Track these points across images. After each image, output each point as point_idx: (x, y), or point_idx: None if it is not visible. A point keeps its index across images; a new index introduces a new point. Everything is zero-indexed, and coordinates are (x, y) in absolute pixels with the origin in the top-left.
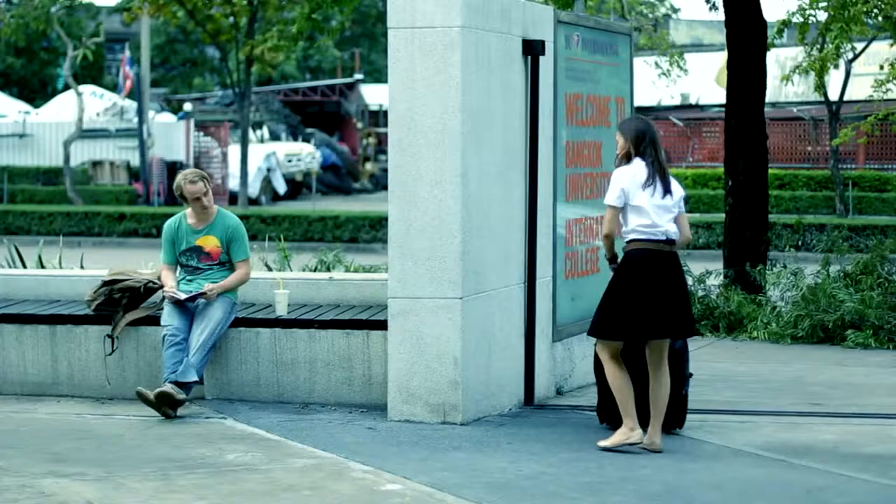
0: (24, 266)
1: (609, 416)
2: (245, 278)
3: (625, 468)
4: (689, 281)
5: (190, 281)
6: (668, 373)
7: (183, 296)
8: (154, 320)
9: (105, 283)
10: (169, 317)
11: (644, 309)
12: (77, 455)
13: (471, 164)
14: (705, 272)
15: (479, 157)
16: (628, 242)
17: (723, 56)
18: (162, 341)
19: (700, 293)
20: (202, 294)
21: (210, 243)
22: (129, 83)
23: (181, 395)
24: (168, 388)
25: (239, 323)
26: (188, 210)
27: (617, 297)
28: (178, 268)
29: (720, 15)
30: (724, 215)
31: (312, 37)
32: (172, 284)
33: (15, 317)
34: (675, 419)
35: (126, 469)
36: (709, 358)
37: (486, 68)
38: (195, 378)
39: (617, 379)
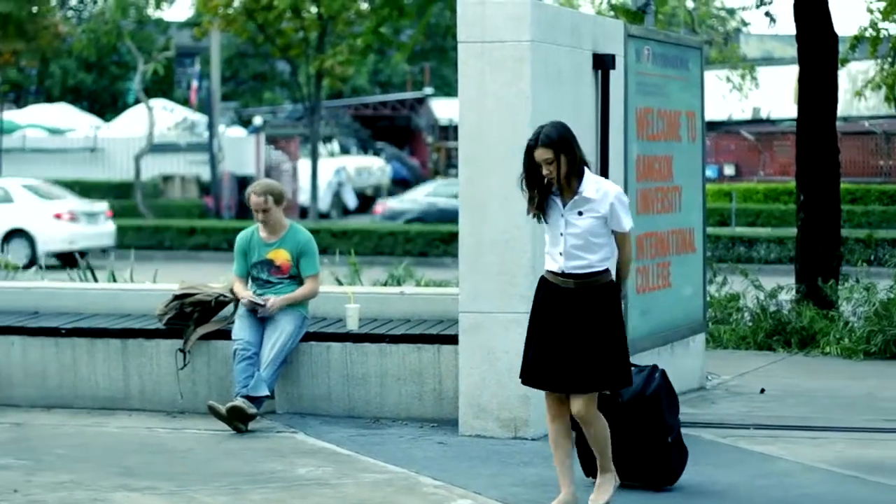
0: (96, 280)
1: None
2: (312, 293)
3: (697, 484)
4: (761, 296)
5: (260, 295)
6: (598, 425)
7: (260, 300)
8: (225, 334)
9: (176, 297)
10: (240, 331)
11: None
12: (148, 469)
13: None
14: (777, 287)
15: None
16: (607, 271)
17: (795, 70)
18: (233, 355)
19: (772, 308)
20: (262, 305)
21: (281, 257)
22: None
23: (252, 410)
24: (239, 402)
25: (310, 337)
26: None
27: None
28: (250, 280)
29: (791, 29)
30: (795, 230)
31: (382, 51)
32: (245, 293)
33: (87, 331)
34: (662, 475)
35: (197, 483)
36: (781, 373)
37: (556, 82)
38: (266, 392)
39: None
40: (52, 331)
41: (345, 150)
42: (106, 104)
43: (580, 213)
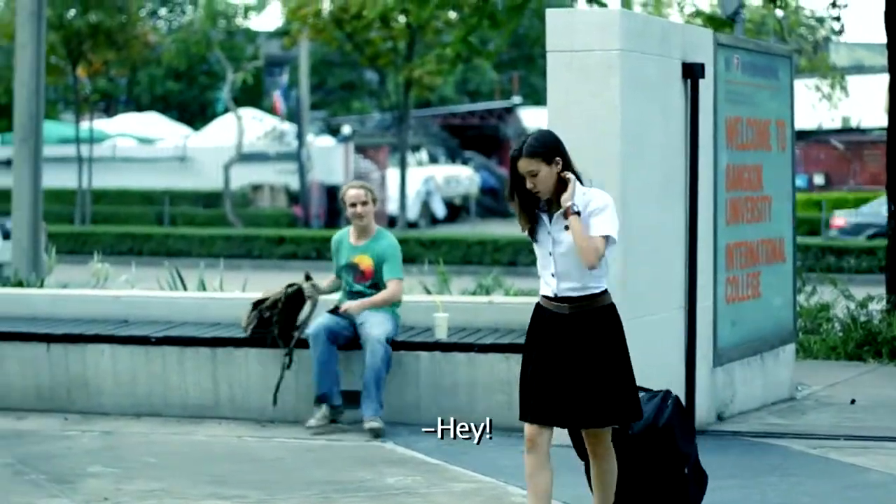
0: (185, 289)
1: None
2: (392, 297)
3: (786, 495)
4: (851, 306)
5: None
6: (612, 461)
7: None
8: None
9: (254, 306)
10: (316, 323)
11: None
12: (237, 477)
13: (630, 187)
14: (868, 297)
15: (638, 180)
16: (604, 293)
17: (885, 79)
18: (312, 340)
19: (863, 318)
20: (338, 311)
21: (364, 262)
22: (277, 108)
23: (378, 424)
24: (377, 423)
25: (399, 346)
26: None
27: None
28: (342, 284)
29: (882, 37)
30: (886, 240)
31: (470, 60)
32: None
33: (176, 339)
34: None
35: (286, 492)
36: (871, 384)
37: (645, 91)
38: (380, 414)
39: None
40: (142, 339)
41: (433, 160)
42: (195, 113)
43: (566, 228)
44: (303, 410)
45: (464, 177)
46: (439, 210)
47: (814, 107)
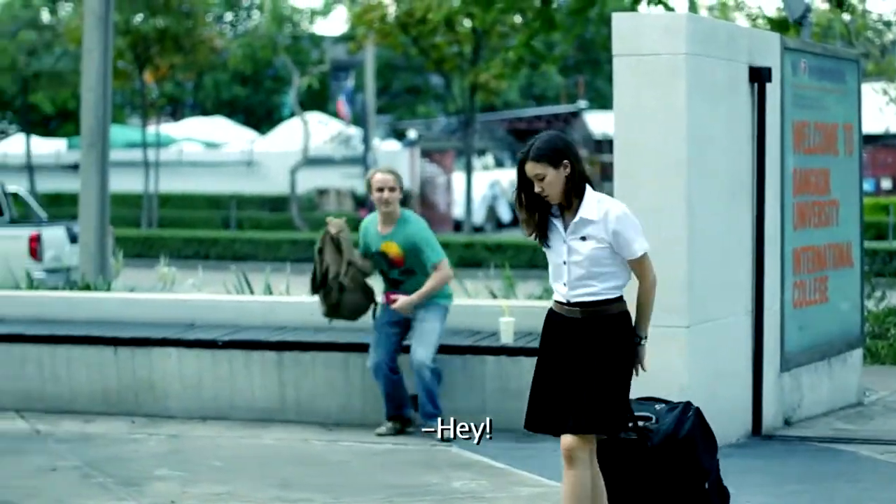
0: (252, 292)
1: None
2: (443, 281)
3: (853, 500)
4: None
5: (391, 290)
6: (580, 476)
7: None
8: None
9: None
10: (374, 350)
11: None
12: (303, 481)
13: (696, 191)
14: None
15: (704, 184)
16: (620, 300)
17: None
18: (372, 373)
19: None
20: (393, 302)
21: (392, 250)
22: (342, 113)
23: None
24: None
25: (465, 350)
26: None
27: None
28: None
29: None
30: None
31: (535, 64)
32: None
33: (243, 343)
34: None
35: (352, 495)
36: None
37: (712, 95)
38: (439, 413)
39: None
40: (209, 343)
41: (499, 164)
42: (261, 117)
43: (583, 239)
44: (370, 414)
45: None
46: (505, 214)
47: (881, 110)
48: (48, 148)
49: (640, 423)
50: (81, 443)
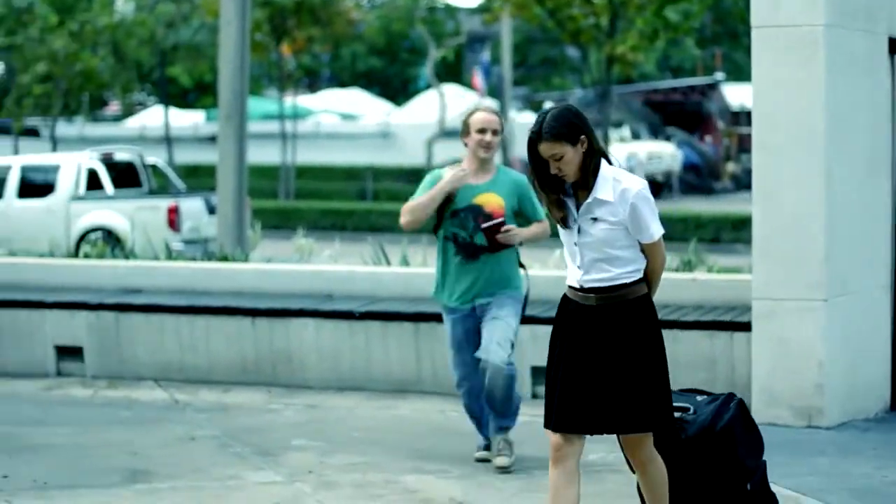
0: (389, 264)
1: None
2: (544, 235)
3: None
4: None
5: (463, 265)
6: (653, 468)
7: (469, 175)
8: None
9: None
10: (456, 365)
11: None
12: (440, 452)
13: (835, 165)
14: None
15: (843, 158)
16: (638, 283)
17: None
18: (457, 387)
19: None
20: (499, 225)
21: (492, 202)
22: (477, 85)
23: (508, 457)
24: (502, 461)
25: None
26: (465, 160)
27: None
28: (444, 242)
29: None
30: None
31: (675, 34)
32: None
33: (380, 314)
34: None
35: (488, 467)
36: None
37: (850, 67)
38: (513, 424)
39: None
40: (346, 314)
41: (635, 136)
42: (397, 89)
43: (594, 220)
44: None
45: (666, 153)
46: None
47: None
48: (186, 120)
49: (676, 415)
50: (219, 413)
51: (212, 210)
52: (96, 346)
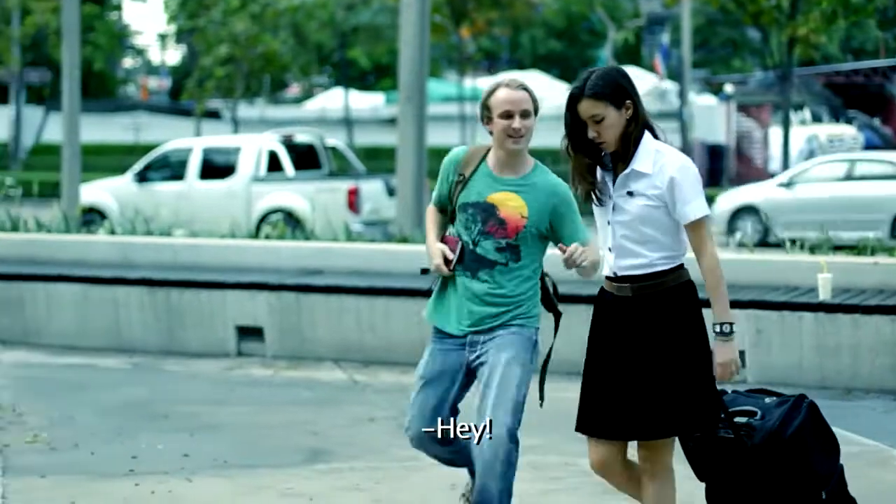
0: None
1: None
2: (598, 262)
3: None
4: None
5: (458, 278)
6: (663, 487)
7: (451, 255)
8: None
9: None
10: (413, 403)
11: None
12: None
13: None
14: None
15: None
16: (678, 269)
17: None
18: (406, 429)
19: None
20: (461, 257)
21: (511, 205)
22: (657, 67)
23: None
24: None
25: (782, 307)
26: (490, 153)
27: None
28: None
29: None
30: None
31: (858, 15)
32: (438, 246)
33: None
34: None
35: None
36: None
37: None
38: None
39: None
40: None
41: (816, 118)
42: (576, 72)
43: (630, 195)
44: None
45: (847, 136)
46: None
47: None
48: (366, 102)
49: (742, 420)
50: (398, 394)
51: (391, 192)
52: (277, 327)
